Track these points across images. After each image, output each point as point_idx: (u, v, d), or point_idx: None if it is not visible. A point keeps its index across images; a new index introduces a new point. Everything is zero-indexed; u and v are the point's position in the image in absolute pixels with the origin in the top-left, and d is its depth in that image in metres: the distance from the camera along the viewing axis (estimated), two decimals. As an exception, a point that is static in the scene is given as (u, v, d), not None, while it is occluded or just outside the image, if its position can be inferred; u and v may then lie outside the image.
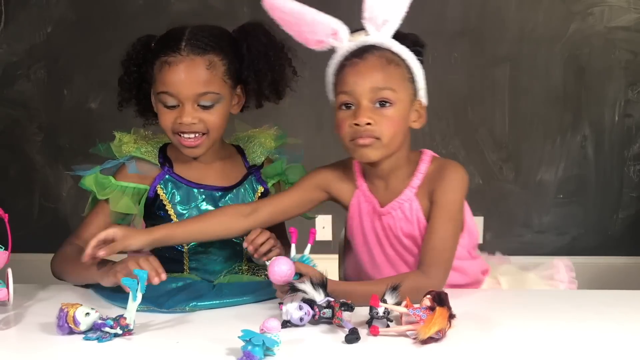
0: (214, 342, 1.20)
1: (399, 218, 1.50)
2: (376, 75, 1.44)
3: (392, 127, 1.44)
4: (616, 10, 3.08)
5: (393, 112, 1.45)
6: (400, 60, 1.48)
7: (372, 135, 1.43)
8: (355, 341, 1.18)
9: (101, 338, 1.22)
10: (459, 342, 1.23)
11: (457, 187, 1.50)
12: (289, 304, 1.27)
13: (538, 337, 1.27)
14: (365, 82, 1.43)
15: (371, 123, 1.42)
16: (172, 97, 1.53)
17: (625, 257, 3.17)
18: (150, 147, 1.65)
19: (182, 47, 1.53)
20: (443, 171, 1.50)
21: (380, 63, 1.45)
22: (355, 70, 1.45)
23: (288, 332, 1.22)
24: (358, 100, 1.44)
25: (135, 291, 1.23)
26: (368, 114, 1.42)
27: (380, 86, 1.43)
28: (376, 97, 1.43)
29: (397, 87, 1.45)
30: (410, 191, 1.50)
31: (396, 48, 1.47)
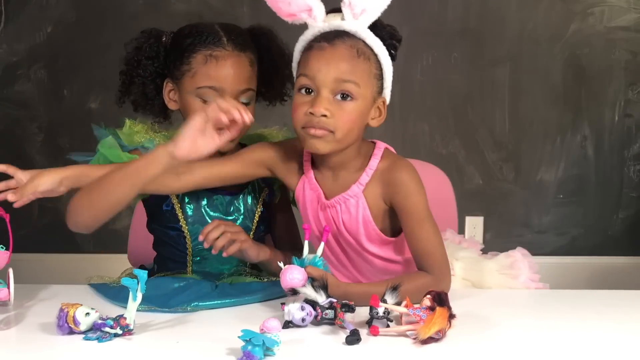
0: (214, 342, 1.20)
1: (342, 212, 1.44)
2: (342, 65, 1.36)
3: (349, 122, 1.37)
4: (616, 10, 3.08)
5: (353, 107, 1.37)
6: (372, 54, 1.39)
7: (326, 127, 1.35)
8: (355, 342, 1.18)
9: (101, 338, 1.22)
10: (459, 342, 1.23)
11: (416, 189, 1.42)
12: (291, 305, 1.27)
13: (538, 337, 1.27)
14: (330, 71, 1.35)
15: (327, 115, 1.34)
16: (215, 91, 1.50)
17: (625, 257, 3.17)
18: (162, 141, 1.58)
19: (225, 42, 1.52)
20: (395, 175, 1.42)
21: (349, 53, 1.37)
22: (321, 54, 1.37)
23: (288, 332, 1.22)
24: (318, 88, 1.36)
25: (136, 291, 1.23)
26: (326, 105, 1.35)
27: (344, 78, 1.35)
28: (338, 88, 1.35)
29: (362, 82, 1.37)
30: (358, 187, 1.43)
31: (370, 40, 1.39)
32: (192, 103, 1.53)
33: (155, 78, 1.58)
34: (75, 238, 3.24)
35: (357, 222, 1.44)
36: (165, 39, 1.58)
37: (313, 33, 1.40)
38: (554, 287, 1.60)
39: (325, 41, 1.37)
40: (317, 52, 1.37)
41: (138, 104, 1.62)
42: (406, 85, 3.12)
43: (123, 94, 1.61)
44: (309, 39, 1.41)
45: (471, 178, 3.10)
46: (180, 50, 1.54)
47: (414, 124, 3.13)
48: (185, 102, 1.54)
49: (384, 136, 3.30)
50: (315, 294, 1.27)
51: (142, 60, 1.57)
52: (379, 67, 1.41)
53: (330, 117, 1.35)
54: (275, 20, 1.46)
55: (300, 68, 1.40)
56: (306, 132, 1.37)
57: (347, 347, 1.18)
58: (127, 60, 1.59)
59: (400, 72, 3.19)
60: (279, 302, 1.42)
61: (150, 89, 1.59)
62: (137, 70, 1.58)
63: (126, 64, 1.60)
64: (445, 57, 3.09)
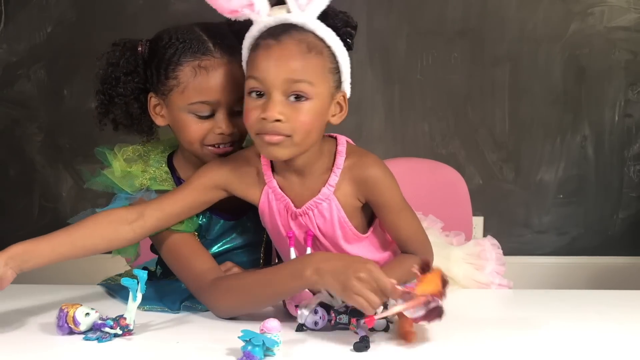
0: (214, 342, 1.20)
1: (316, 217, 1.38)
2: (292, 64, 1.25)
3: (306, 124, 1.27)
4: (616, 10, 3.08)
5: (309, 108, 1.27)
6: (324, 47, 1.29)
7: (282, 132, 1.27)
8: (364, 349, 1.15)
9: (101, 338, 1.22)
10: (460, 343, 1.23)
11: (389, 183, 1.37)
12: (304, 308, 1.26)
13: (537, 337, 1.27)
14: (279, 71, 1.25)
15: (281, 120, 1.25)
16: (210, 105, 1.38)
17: (625, 257, 3.16)
18: (161, 172, 1.48)
19: (212, 49, 1.38)
20: (366, 174, 1.36)
21: (298, 50, 1.26)
22: (268, 54, 1.26)
23: (288, 332, 1.22)
24: (269, 91, 1.26)
25: (135, 291, 1.23)
26: (279, 109, 1.25)
27: (295, 78, 1.25)
28: (290, 89, 1.26)
29: (316, 79, 1.27)
30: (329, 189, 1.36)
31: (320, 32, 1.28)
32: (185, 119, 1.40)
33: (138, 94, 1.44)
34: (75, 238, 3.24)
35: (333, 224, 1.39)
36: (142, 49, 1.44)
37: (259, 29, 1.30)
38: (554, 287, 1.60)
39: (271, 38, 1.27)
40: (263, 51, 1.27)
41: (120, 124, 1.48)
42: (406, 85, 3.12)
43: (103, 115, 1.47)
44: (255, 35, 1.30)
45: (471, 178, 3.10)
46: (162, 63, 1.39)
47: (414, 124, 3.13)
48: (178, 119, 1.41)
49: (384, 136, 3.32)
50: (330, 299, 1.26)
51: (120, 77, 1.43)
52: (333, 60, 1.31)
53: (285, 121, 1.26)
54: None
55: (249, 69, 1.30)
56: (261, 139, 1.28)
57: (347, 348, 1.17)
58: (103, 78, 1.44)
59: (400, 72, 3.21)
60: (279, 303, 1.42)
61: (134, 107, 1.45)
62: (116, 89, 1.43)
63: (102, 83, 1.45)
64: (445, 57, 3.08)
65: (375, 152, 1.43)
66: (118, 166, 1.46)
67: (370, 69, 3.12)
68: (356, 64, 1.38)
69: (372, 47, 3.11)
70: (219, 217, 1.50)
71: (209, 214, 1.48)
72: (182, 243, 1.40)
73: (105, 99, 1.45)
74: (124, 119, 1.46)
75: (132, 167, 1.46)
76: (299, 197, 1.39)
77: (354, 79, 1.39)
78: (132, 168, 1.46)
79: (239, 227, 1.53)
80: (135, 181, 1.44)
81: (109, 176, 1.45)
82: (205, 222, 1.49)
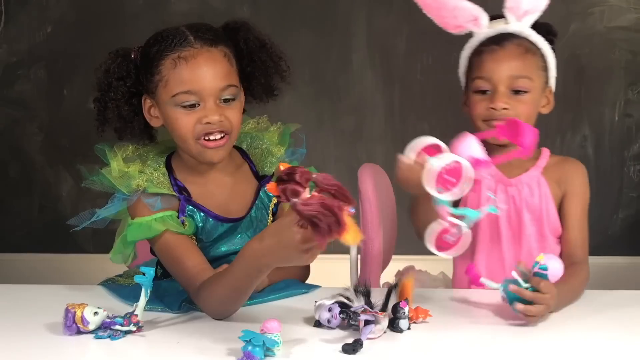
0: (214, 342, 1.21)
1: (525, 193, 1.57)
2: (514, 63, 1.52)
3: (526, 110, 1.52)
4: (616, 10, 3.08)
5: (528, 98, 1.53)
6: (537, 49, 1.56)
7: (506, 118, 1.48)
8: (351, 352, 1.15)
9: (113, 336, 1.22)
10: (461, 344, 1.23)
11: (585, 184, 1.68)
12: (319, 303, 1.27)
13: (537, 336, 1.27)
14: (504, 70, 1.51)
15: (508, 108, 1.50)
16: (193, 95, 1.40)
17: (625, 257, 3.16)
18: (158, 174, 1.48)
19: (192, 40, 1.41)
20: (571, 167, 1.63)
21: (518, 51, 1.53)
22: (493, 57, 1.53)
23: (288, 332, 1.22)
24: (495, 87, 1.52)
25: (147, 288, 1.24)
26: (505, 99, 1.50)
27: (517, 74, 1.52)
28: (513, 85, 1.52)
29: (532, 75, 1.54)
30: (537, 170, 1.59)
31: (533, 37, 1.55)
32: (173, 114, 1.42)
33: (130, 98, 1.47)
34: (75, 238, 3.24)
35: (541, 200, 1.57)
36: (135, 55, 1.47)
37: (479, 39, 1.57)
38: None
39: (494, 44, 1.54)
40: (488, 55, 1.54)
41: (120, 131, 1.50)
42: (406, 85, 3.12)
43: (101, 122, 1.49)
44: (474, 45, 1.58)
45: (471, 178, 3.10)
46: (148, 61, 1.43)
47: (414, 124, 3.12)
48: (167, 114, 1.44)
49: (385, 136, 3.32)
50: (354, 298, 1.27)
51: (112, 82, 1.46)
52: (543, 60, 1.58)
53: (510, 109, 1.50)
54: (276, 21, 1.46)
55: (474, 72, 1.56)
56: (488, 124, 1.52)
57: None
58: (99, 85, 1.48)
59: (400, 72, 3.21)
60: (279, 303, 1.43)
61: (125, 110, 1.47)
62: (108, 94, 1.46)
63: (98, 90, 1.48)
64: (445, 57, 3.07)
65: (375, 152, 1.44)
66: (116, 166, 1.47)
67: (370, 69, 3.12)
68: (356, 64, 1.39)
69: (372, 47, 3.11)
70: (218, 220, 1.49)
71: (208, 218, 1.48)
72: (176, 244, 1.42)
73: (100, 106, 1.48)
74: (117, 122, 1.48)
75: (129, 167, 1.47)
76: (510, 173, 1.58)
77: (354, 79, 1.39)
78: (129, 168, 1.47)
79: (238, 230, 1.52)
80: (132, 182, 1.44)
81: (106, 175, 1.46)
82: (204, 225, 1.49)
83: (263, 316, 1.20)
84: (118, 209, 1.45)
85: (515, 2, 1.53)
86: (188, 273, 1.39)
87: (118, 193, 1.45)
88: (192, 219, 1.46)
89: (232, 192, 1.52)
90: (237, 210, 1.51)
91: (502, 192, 1.57)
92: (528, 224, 1.56)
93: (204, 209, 1.48)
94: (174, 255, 1.42)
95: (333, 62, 3.13)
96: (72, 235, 3.29)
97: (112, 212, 1.46)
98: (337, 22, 3.13)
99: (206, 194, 1.49)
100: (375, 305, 1.27)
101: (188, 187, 1.48)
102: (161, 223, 1.42)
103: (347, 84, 3.12)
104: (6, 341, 1.24)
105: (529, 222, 1.56)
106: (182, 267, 1.40)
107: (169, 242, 1.42)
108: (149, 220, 1.42)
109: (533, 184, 1.57)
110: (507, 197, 1.56)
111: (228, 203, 1.50)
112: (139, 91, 1.47)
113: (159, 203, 1.44)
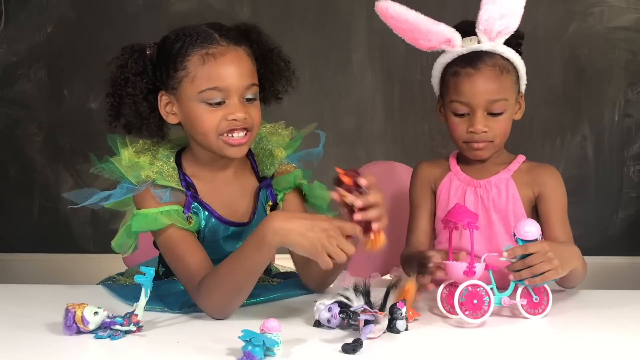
0: (214, 342, 1.21)
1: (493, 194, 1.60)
2: (491, 86, 1.55)
3: (503, 129, 1.58)
4: (616, 10, 3.08)
5: (504, 117, 1.57)
6: (510, 66, 1.59)
7: (487, 140, 1.56)
8: (351, 352, 1.16)
9: (113, 336, 1.22)
10: (462, 343, 1.23)
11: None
12: (319, 303, 1.27)
13: (537, 336, 1.27)
14: (481, 95, 1.55)
15: (486, 131, 1.55)
16: (220, 92, 1.40)
17: (625, 257, 3.16)
18: (168, 167, 1.47)
19: (218, 38, 1.41)
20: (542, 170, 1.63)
21: (494, 74, 1.56)
22: (471, 81, 1.55)
23: (288, 332, 1.22)
24: (473, 110, 1.55)
25: (147, 288, 1.24)
26: (483, 122, 1.55)
27: (494, 98, 1.55)
28: (490, 108, 1.55)
29: (508, 95, 1.58)
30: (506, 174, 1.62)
31: (507, 53, 1.58)
32: (197, 110, 1.42)
33: (147, 95, 1.46)
34: (75, 238, 3.24)
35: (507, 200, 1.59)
36: (150, 52, 1.47)
37: (451, 57, 1.59)
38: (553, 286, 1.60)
39: (469, 67, 1.56)
40: (465, 79, 1.56)
41: (132, 126, 1.49)
42: (406, 85, 3.12)
43: (114, 118, 1.48)
44: (446, 62, 1.60)
45: (471, 178, 3.10)
46: (170, 58, 1.43)
47: (414, 124, 3.13)
48: (189, 111, 1.43)
49: (385, 136, 3.32)
50: (354, 297, 1.27)
51: (129, 77, 1.45)
52: (516, 72, 1.62)
53: (489, 131, 1.56)
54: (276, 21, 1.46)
55: (451, 94, 1.59)
56: (470, 146, 1.58)
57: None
58: (113, 80, 1.46)
59: (400, 72, 3.22)
60: (279, 303, 1.43)
61: (143, 106, 1.46)
62: (125, 90, 1.45)
63: (112, 85, 1.47)
64: (445, 57, 3.08)
65: (376, 152, 1.44)
66: (127, 155, 1.46)
67: (370, 69, 3.12)
68: (356, 64, 1.39)
69: (372, 47, 3.11)
70: (221, 222, 1.49)
71: (211, 218, 1.48)
72: (179, 240, 1.42)
73: (115, 101, 1.47)
74: (133, 118, 1.47)
75: (140, 157, 1.47)
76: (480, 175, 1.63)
77: (354, 79, 1.40)
78: (140, 159, 1.47)
79: (244, 234, 1.51)
80: (141, 172, 1.44)
81: (115, 164, 1.46)
82: (206, 224, 1.48)
83: (263, 316, 1.20)
84: (121, 197, 1.45)
85: (487, 25, 1.55)
86: (189, 269, 1.38)
87: (125, 182, 1.45)
88: (196, 217, 1.46)
89: (236, 191, 1.52)
90: (240, 211, 1.51)
91: (471, 194, 1.61)
92: (496, 222, 1.59)
93: (209, 208, 1.47)
94: (176, 251, 1.41)
95: (333, 62, 3.13)
96: (72, 235, 3.30)
97: (114, 198, 1.45)
98: (337, 22, 3.13)
99: (212, 192, 1.49)
100: (375, 305, 1.27)
101: (195, 184, 1.48)
102: (167, 216, 1.42)
103: (347, 84, 3.12)
104: (6, 341, 1.24)
105: (497, 221, 1.59)
106: (183, 263, 1.40)
107: (172, 237, 1.42)
108: (155, 212, 1.42)
109: (501, 186, 1.60)
110: (475, 198, 1.61)
111: (232, 202, 1.50)
112: (154, 88, 1.46)
113: (167, 195, 1.44)
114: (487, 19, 1.55)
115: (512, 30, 1.57)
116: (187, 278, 1.39)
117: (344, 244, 1.24)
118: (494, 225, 1.59)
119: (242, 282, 1.32)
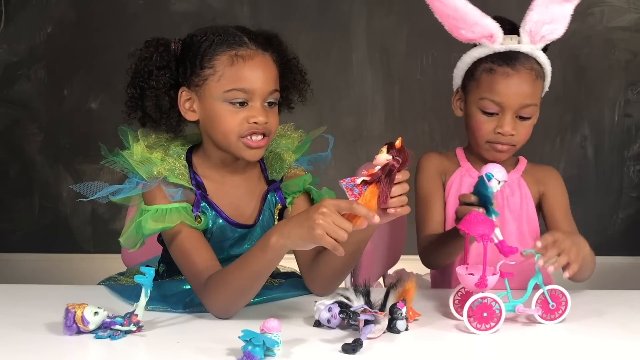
0: (214, 342, 1.21)
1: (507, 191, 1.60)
2: (526, 91, 1.53)
3: (527, 135, 1.57)
4: (616, 10, 3.08)
5: (530, 123, 1.57)
6: (543, 72, 1.57)
7: (511, 143, 1.56)
8: (351, 352, 1.16)
9: (113, 336, 1.22)
10: (462, 343, 1.23)
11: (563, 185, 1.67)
12: (319, 303, 1.28)
13: (537, 336, 1.27)
14: (516, 97, 1.53)
15: (514, 134, 1.54)
16: (245, 93, 1.40)
17: (625, 257, 3.16)
18: (179, 165, 1.46)
19: (248, 41, 1.42)
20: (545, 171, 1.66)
21: (530, 78, 1.54)
22: (507, 82, 1.53)
23: (288, 332, 1.22)
24: (504, 111, 1.53)
25: (148, 288, 1.24)
26: (512, 125, 1.54)
27: (527, 102, 1.54)
28: (520, 112, 1.54)
29: (537, 100, 1.56)
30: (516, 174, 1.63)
31: (542, 59, 1.56)
32: (219, 109, 1.41)
33: (169, 89, 1.45)
34: (75, 238, 3.24)
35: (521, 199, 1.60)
36: (175, 47, 1.46)
37: (486, 52, 1.56)
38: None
39: (507, 66, 1.53)
40: (502, 77, 1.53)
41: (149, 119, 1.47)
42: (406, 85, 3.12)
43: (133, 110, 1.47)
44: (478, 56, 1.57)
45: (471, 178, 3.10)
46: (197, 55, 1.42)
47: (414, 124, 3.13)
48: (210, 109, 1.42)
49: (385, 136, 3.31)
50: (354, 297, 1.27)
51: (153, 70, 1.44)
52: (544, 75, 1.59)
53: (515, 135, 1.55)
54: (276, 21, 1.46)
55: (483, 91, 1.55)
56: (492, 146, 1.56)
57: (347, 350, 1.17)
58: (136, 72, 1.45)
59: (400, 72, 3.21)
60: (279, 303, 1.43)
61: (165, 101, 1.44)
62: (148, 82, 1.44)
63: (134, 77, 1.46)
64: (445, 57, 3.08)
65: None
66: (139, 150, 1.46)
67: (370, 69, 3.12)
68: (356, 64, 1.39)
69: (372, 47, 3.11)
70: (228, 223, 1.48)
71: (218, 218, 1.48)
72: (187, 238, 1.41)
73: (136, 93, 1.46)
74: (153, 112, 1.46)
75: (152, 153, 1.46)
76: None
77: (354, 79, 1.40)
78: (152, 154, 1.46)
79: (248, 238, 1.51)
80: (153, 168, 1.43)
81: (127, 158, 1.45)
82: (213, 224, 1.48)
83: (263, 316, 1.20)
84: (130, 192, 1.44)
85: (535, 26, 1.52)
86: (196, 267, 1.38)
87: (136, 177, 1.44)
88: (204, 216, 1.46)
89: (244, 193, 1.51)
90: (246, 213, 1.51)
91: None
92: (509, 222, 1.58)
93: (217, 209, 1.47)
94: (183, 248, 1.40)
95: (333, 62, 3.13)
96: (72, 235, 3.30)
97: (124, 193, 1.44)
98: (337, 22, 3.13)
99: (221, 192, 1.49)
100: (375, 305, 1.27)
101: (205, 184, 1.48)
102: (177, 214, 1.41)
103: (347, 84, 3.12)
104: (6, 341, 1.24)
105: (510, 221, 1.59)
106: (190, 260, 1.39)
107: (181, 235, 1.41)
108: (165, 209, 1.42)
109: (514, 185, 1.61)
110: None
111: (240, 203, 1.50)
112: (176, 84, 1.46)
113: (179, 194, 1.43)
114: (537, 21, 1.52)
115: (556, 37, 1.55)
116: (193, 275, 1.39)
117: (340, 220, 1.21)
118: (507, 225, 1.58)
119: (248, 283, 1.32)
